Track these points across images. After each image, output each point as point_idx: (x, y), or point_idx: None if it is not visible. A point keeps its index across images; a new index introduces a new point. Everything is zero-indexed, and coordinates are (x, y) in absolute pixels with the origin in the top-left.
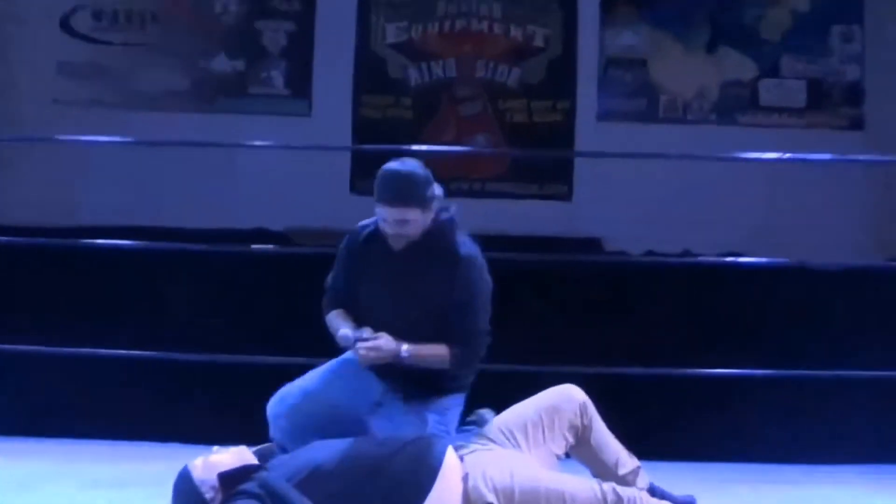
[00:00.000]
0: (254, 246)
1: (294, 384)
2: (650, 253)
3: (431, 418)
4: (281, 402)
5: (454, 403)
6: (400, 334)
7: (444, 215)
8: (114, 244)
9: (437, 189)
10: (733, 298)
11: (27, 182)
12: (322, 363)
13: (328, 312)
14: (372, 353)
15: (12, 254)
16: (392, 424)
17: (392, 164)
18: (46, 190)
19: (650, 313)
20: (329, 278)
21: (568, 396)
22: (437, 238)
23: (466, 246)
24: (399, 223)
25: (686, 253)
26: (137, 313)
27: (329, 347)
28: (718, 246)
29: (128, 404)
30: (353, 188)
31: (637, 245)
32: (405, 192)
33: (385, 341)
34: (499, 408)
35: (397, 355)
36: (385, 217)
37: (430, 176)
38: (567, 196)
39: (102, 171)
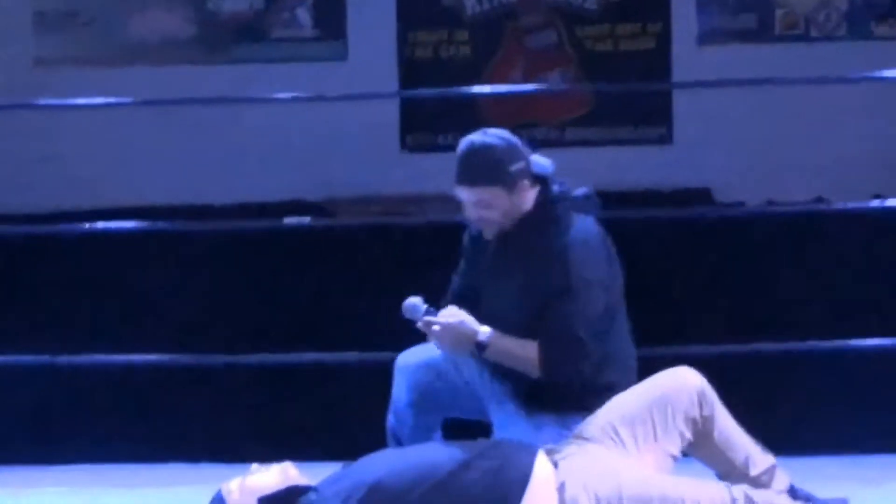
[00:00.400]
0: (287, 220)
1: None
2: (772, 203)
3: (549, 432)
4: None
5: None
6: None
7: (553, 193)
8: (117, 228)
9: (538, 165)
10: (886, 251)
11: (9, 160)
12: (371, 359)
13: None
14: (444, 334)
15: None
16: (511, 425)
17: (469, 137)
18: (35, 168)
19: (776, 276)
20: None
21: (682, 382)
22: (539, 222)
23: (575, 231)
24: (478, 206)
25: (818, 200)
26: (151, 307)
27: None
28: (858, 189)
29: (145, 419)
30: (404, 145)
31: (755, 194)
32: (480, 169)
33: (459, 321)
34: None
35: (474, 340)
36: (462, 199)
37: (519, 149)
38: (666, 139)
39: (99, 141)
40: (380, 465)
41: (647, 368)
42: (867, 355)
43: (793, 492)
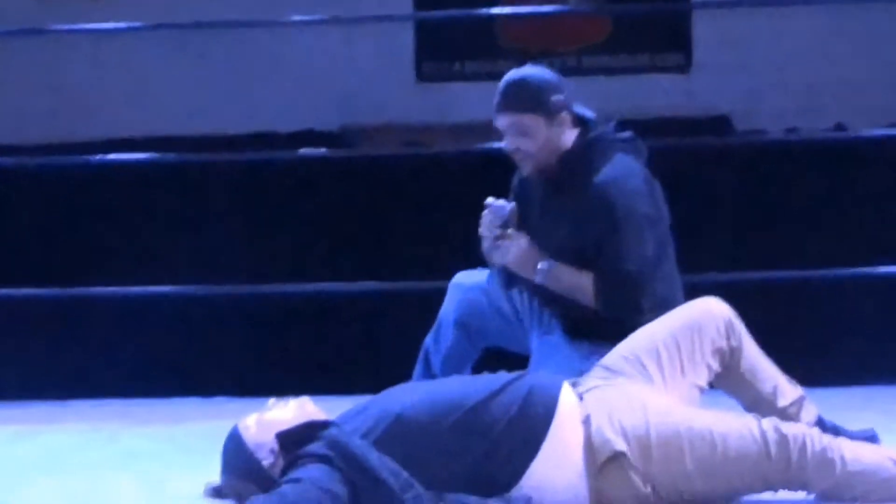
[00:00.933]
0: (301, 150)
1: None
2: (793, 131)
3: (595, 362)
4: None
5: None
6: None
7: (595, 133)
8: (129, 159)
9: (582, 109)
10: None
11: (20, 90)
12: (387, 289)
13: None
14: (513, 248)
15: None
16: (553, 355)
17: (512, 70)
18: (47, 98)
19: (798, 205)
20: None
21: (709, 312)
22: (581, 161)
23: (617, 168)
24: (515, 134)
25: (839, 127)
26: (159, 240)
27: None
28: (883, 116)
29: (157, 353)
30: (420, 73)
31: (775, 122)
32: (519, 95)
33: (525, 243)
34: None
35: (537, 260)
36: (501, 128)
37: (562, 84)
38: (685, 67)
39: (111, 70)
40: (402, 398)
41: None
42: (893, 283)
43: (821, 423)
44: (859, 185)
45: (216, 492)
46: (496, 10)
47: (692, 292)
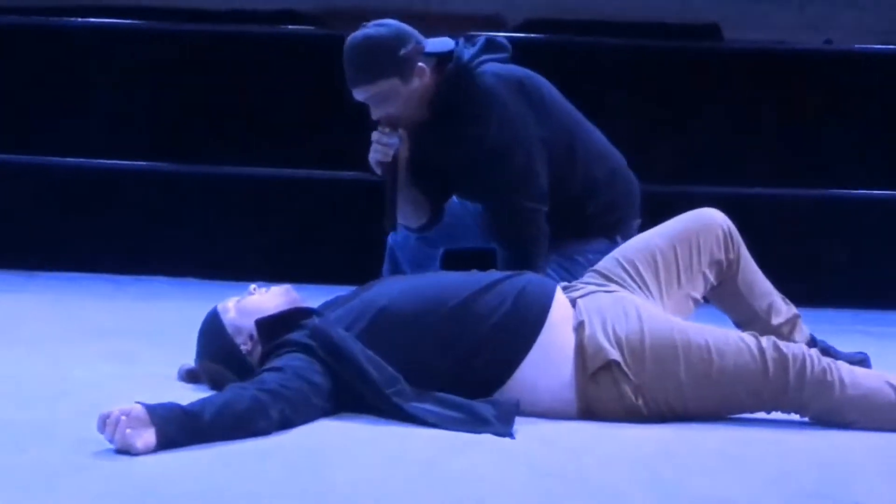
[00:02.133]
0: (286, 27)
1: None
2: (782, 43)
3: (553, 263)
4: None
5: (586, 250)
6: None
7: (451, 68)
8: (102, 23)
9: (435, 44)
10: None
11: None
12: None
13: None
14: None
15: None
16: None
17: (350, 36)
18: None
19: (791, 116)
20: None
21: (708, 222)
22: (447, 105)
23: (482, 91)
24: (376, 103)
25: (828, 42)
26: (130, 109)
27: None
28: (872, 34)
29: (131, 229)
30: None
31: (765, 32)
32: (366, 65)
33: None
34: None
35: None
36: (362, 101)
37: (405, 33)
38: None
39: None
40: (389, 289)
41: (660, 208)
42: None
43: (813, 344)
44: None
45: (190, 375)
46: None
47: (680, 202)
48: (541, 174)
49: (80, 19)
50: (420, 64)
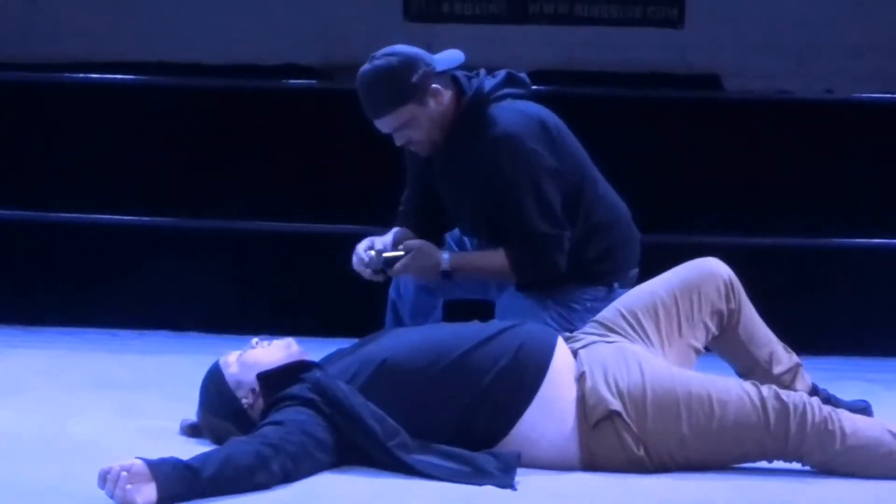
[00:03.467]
0: (288, 81)
1: None
2: (784, 93)
3: (551, 311)
4: None
5: (584, 297)
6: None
7: (470, 90)
8: (108, 79)
9: (445, 61)
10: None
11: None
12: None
13: None
14: (408, 270)
15: None
16: (514, 305)
17: (361, 69)
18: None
19: (789, 168)
20: None
21: (709, 272)
22: (464, 128)
23: (501, 126)
24: (400, 132)
25: (828, 91)
26: (139, 166)
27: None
28: (874, 82)
29: (139, 285)
30: (408, 12)
31: (765, 82)
32: (379, 94)
33: (417, 251)
34: None
35: (439, 269)
36: (384, 132)
37: (414, 57)
38: (677, 21)
39: None
40: (390, 342)
41: (660, 257)
42: (882, 254)
43: (815, 392)
44: (849, 150)
45: (192, 429)
46: None
47: (681, 252)
48: (554, 202)
49: (81, 75)
50: (434, 85)
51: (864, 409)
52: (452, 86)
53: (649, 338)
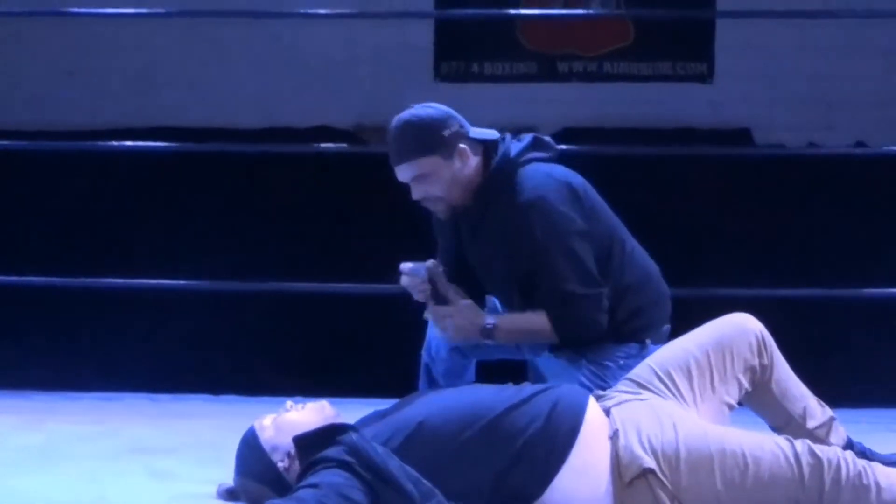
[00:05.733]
0: (320, 145)
1: None
2: (813, 145)
3: (584, 370)
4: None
5: (617, 354)
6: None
7: (499, 155)
8: (135, 147)
9: (480, 133)
10: None
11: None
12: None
13: None
14: (451, 321)
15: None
16: (547, 364)
17: (397, 116)
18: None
19: (820, 222)
20: None
21: (741, 328)
22: (491, 191)
23: (529, 190)
24: (419, 182)
25: (859, 144)
26: (169, 233)
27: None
28: None
29: (170, 350)
30: (438, 73)
31: (796, 136)
32: (407, 140)
33: (465, 304)
34: None
35: (481, 326)
36: (403, 181)
37: (451, 116)
38: (707, 76)
39: (128, 58)
40: (425, 405)
41: (684, 311)
42: None
43: (850, 446)
44: (879, 202)
45: (229, 494)
46: (517, 11)
47: (712, 306)
48: (587, 261)
49: (116, 143)
50: (463, 146)
51: None
52: (482, 153)
53: (682, 395)
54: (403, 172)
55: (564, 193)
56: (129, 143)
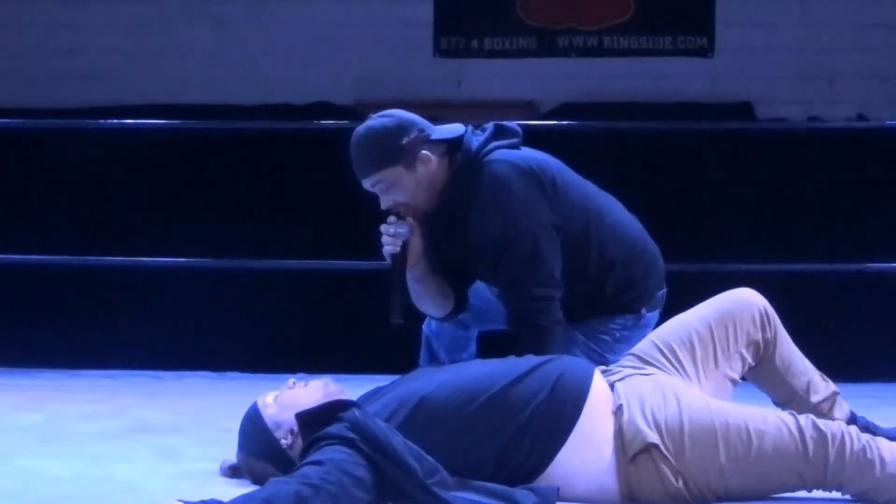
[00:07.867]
0: (321, 122)
1: None
2: (814, 119)
3: (581, 345)
4: None
5: (612, 327)
6: None
7: (461, 156)
8: (142, 124)
9: (443, 132)
10: None
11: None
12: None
13: None
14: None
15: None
16: None
17: (356, 129)
18: (59, 62)
19: (821, 196)
20: None
21: (745, 302)
22: (459, 185)
23: (489, 183)
24: (383, 192)
25: (860, 118)
26: (168, 209)
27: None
28: None
29: (174, 328)
30: (438, 49)
31: (797, 110)
32: (367, 153)
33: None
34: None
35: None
36: (370, 191)
37: (409, 122)
38: (707, 50)
39: (123, 36)
40: (427, 380)
41: (686, 286)
42: None
43: (853, 420)
44: (880, 175)
45: (232, 470)
46: None
47: (715, 280)
48: (549, 259)
49: (115, 121)
50: (424, 152)
51: None
52: (447, 153)
53: (685, 369)
54: (367, 183)
55: (527, 183)
56: (129, 121)
